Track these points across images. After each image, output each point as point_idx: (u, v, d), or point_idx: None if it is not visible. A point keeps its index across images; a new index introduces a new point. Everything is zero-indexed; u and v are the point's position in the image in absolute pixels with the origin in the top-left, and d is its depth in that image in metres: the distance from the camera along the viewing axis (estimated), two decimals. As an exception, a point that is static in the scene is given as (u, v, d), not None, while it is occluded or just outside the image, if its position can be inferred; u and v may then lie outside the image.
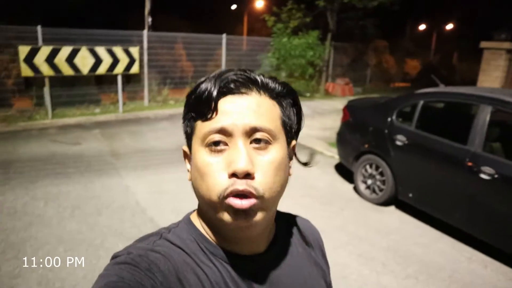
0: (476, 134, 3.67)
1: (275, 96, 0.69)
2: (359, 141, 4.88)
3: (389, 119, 4.51)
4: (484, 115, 3.67)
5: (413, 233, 4.12)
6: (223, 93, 0.65)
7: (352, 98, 13.42)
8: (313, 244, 0.85)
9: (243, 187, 0.61)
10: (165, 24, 12.09)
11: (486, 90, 4.12)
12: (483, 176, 3.49)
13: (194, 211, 0.75)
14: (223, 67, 11.47)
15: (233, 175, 0.61)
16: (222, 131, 0.63)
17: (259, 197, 0.62)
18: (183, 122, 0.71)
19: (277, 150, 0.66)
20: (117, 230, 3.84)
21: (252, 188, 0.61)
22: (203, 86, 0.65)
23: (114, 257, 0.64)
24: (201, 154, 0.65)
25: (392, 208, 4.64)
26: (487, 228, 3.59)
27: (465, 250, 3.83)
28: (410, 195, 4.22)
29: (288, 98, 0.71)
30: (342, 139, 5.29)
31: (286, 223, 0.83)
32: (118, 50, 8.92)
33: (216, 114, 0.64)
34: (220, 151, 0.64)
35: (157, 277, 0.60)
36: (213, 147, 0.64)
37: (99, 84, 9.67)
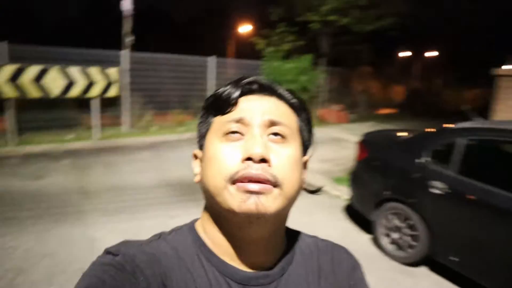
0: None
1: (292, 106, 0.70)
2: (381, 185, 4.01)
3: (421, 161, 3.66)
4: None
5: (459, 307, 3.22)
6: (244, 92, 0.66)
7: (347, 125, 12.82)
8: (337, 272, 0.72)
9: (258, 171, 0.58)
10: (147, 45, 11.27)
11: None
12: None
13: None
14: (211, 90, 10.65)
15: (248, 159, 0.59)
16: (240, 121, 0.63)
17: (276, 185, 0.60)
18: (199, 124, 0.71)
19: (293, 148, 0.65)
20: (71, 311, 2.83)
21: (269, 174, 0.59)
22: (224, 87, 0.67)
23: (105, 252, 0.62)
24: (215, 143, 0.64)
25: (424, 270, 3.73)
26: None
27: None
28: (453, 258, 3.33)
29: (303, 113, 0.72)
30: (358, 181, 4.42)
31: (303, 243, 0.75)
32: (94, 71, 8.00)
33: (236, 108, 0.65)
34: (236, 139, 0.63)
35: (140, 282, 0.58)
36: (229, 136, 0.63)
37: (73, 108, 8.66)
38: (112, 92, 8.40)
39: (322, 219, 4.84)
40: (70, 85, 7.71)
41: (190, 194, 5.41)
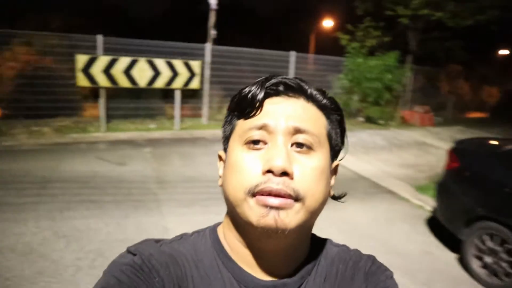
0: None
1: (322, 107, 0.66)
2: (474, 200, 3.58)
3: (527, 176, 3.18)
4: None
5: None
6: (270, 94, 0.63)
7: (432, 129, 11.88)
8: (356, 278, 0.67)
9: (279, 186, 0.56)
10: (228, 38, 11.44)
11: None
12: None
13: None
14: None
15: (268, 172, 0.56)
16: (264, 127, 0.60)
17: (298, 200, 0.57)
18: (224, 125, 0.69)
19: (319, 158, 0.61)
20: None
21: (290, 189, 0.56)
22: (249, 87, 0.64)
23: (126, 250, 0.63)
24: (237, 150, 0.62)
25: (522, 303, 3.26)
26: None
27: None
28: None
29: (335, 114, 0.68)
30: (446, 193, 4.00)
31: (327, 252, 0.70)
32: (178, 63, 8.28)
33: (260, 112, 0.62)
34: (259, 149, 0.60)
35: (155, 282, 0.59)
36: (252, 145, 0.60)
37: (156, 98, 9.11)
38: (193, 84, 8.64)
39: (402, 231, 4.47)
40: (155, 76, 8.07)
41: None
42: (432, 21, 11.52)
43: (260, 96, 0.62)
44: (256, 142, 0.60)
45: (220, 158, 0.71)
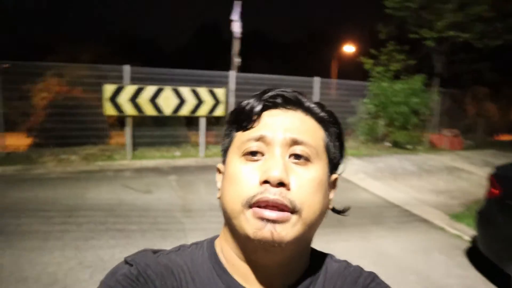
0: None
1: (320, 120, 0.67)
2: (522, 230, 3.32)
3: None
4: None
5: None
6: (268, 106, 0.64)
7: (462, 152, 11.48)
8: None
9: (275, 196, 0.56)
10: (252, 65, 11.55)
11: None
12: None
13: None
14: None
15: (265, 182, 0.57)
16: (261, 139, 0.61)
17: (295, 212, 0.57)
18: (223, 138, 0.70)
19: (317, 170, 0.62)
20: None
21: (287, 200, 0.56)
22: (248, 100, 0.65)
23: (124, 261, 0.64)
24: (235, 162, 0.62)
25: None
26: None
27: None
28: None
29: (333, 127, 0.68)
30: (488, 223, 3.74)
31: (327, 267, 0.68)
32: (203, 91, 8.34)
33: (258, 124, 0.62)
34: (256, 161, 0.60)
35: None
36: (249, 157, 0.61)
37: (181, 126, 9.19)
38: (218, 112, 8.66)
39: (441, 263, 4.20)
40: (180, 104, 8.14)
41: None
42: (458, 43, 11.31)
43: (258, 108, 0.63)
44: (253, 153, 0.61)
45: (219, 171, 0.71)
